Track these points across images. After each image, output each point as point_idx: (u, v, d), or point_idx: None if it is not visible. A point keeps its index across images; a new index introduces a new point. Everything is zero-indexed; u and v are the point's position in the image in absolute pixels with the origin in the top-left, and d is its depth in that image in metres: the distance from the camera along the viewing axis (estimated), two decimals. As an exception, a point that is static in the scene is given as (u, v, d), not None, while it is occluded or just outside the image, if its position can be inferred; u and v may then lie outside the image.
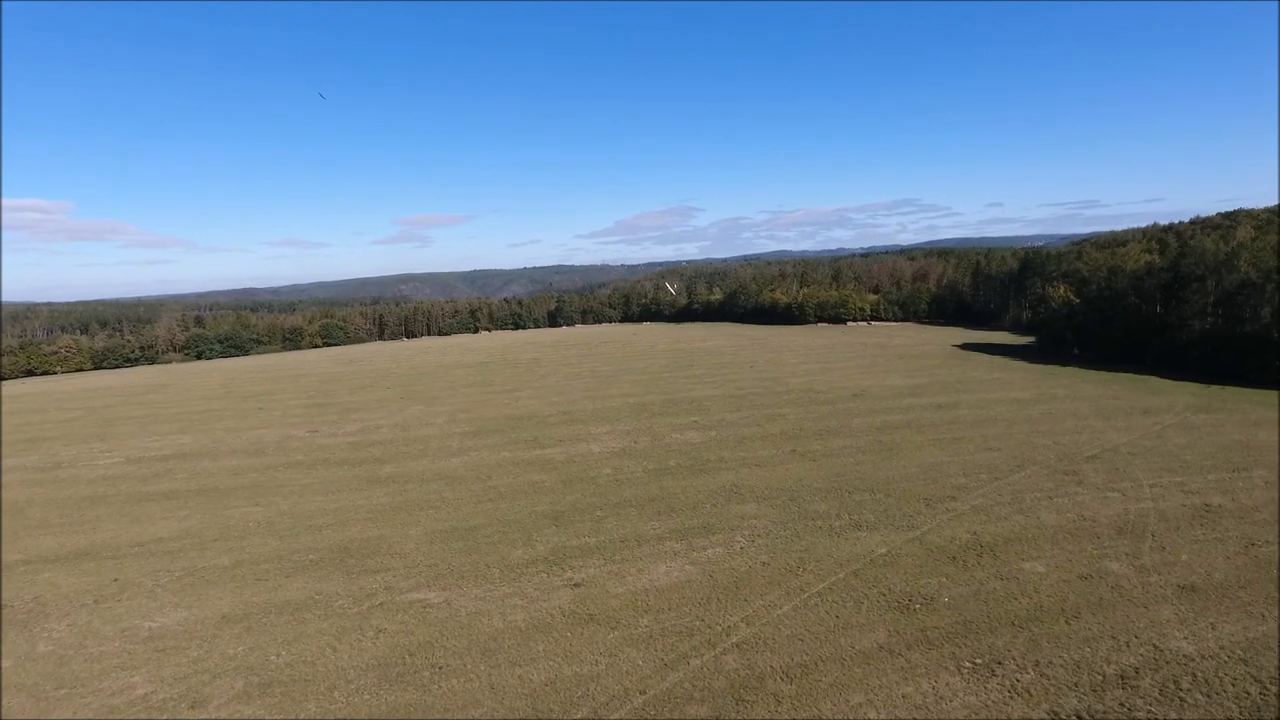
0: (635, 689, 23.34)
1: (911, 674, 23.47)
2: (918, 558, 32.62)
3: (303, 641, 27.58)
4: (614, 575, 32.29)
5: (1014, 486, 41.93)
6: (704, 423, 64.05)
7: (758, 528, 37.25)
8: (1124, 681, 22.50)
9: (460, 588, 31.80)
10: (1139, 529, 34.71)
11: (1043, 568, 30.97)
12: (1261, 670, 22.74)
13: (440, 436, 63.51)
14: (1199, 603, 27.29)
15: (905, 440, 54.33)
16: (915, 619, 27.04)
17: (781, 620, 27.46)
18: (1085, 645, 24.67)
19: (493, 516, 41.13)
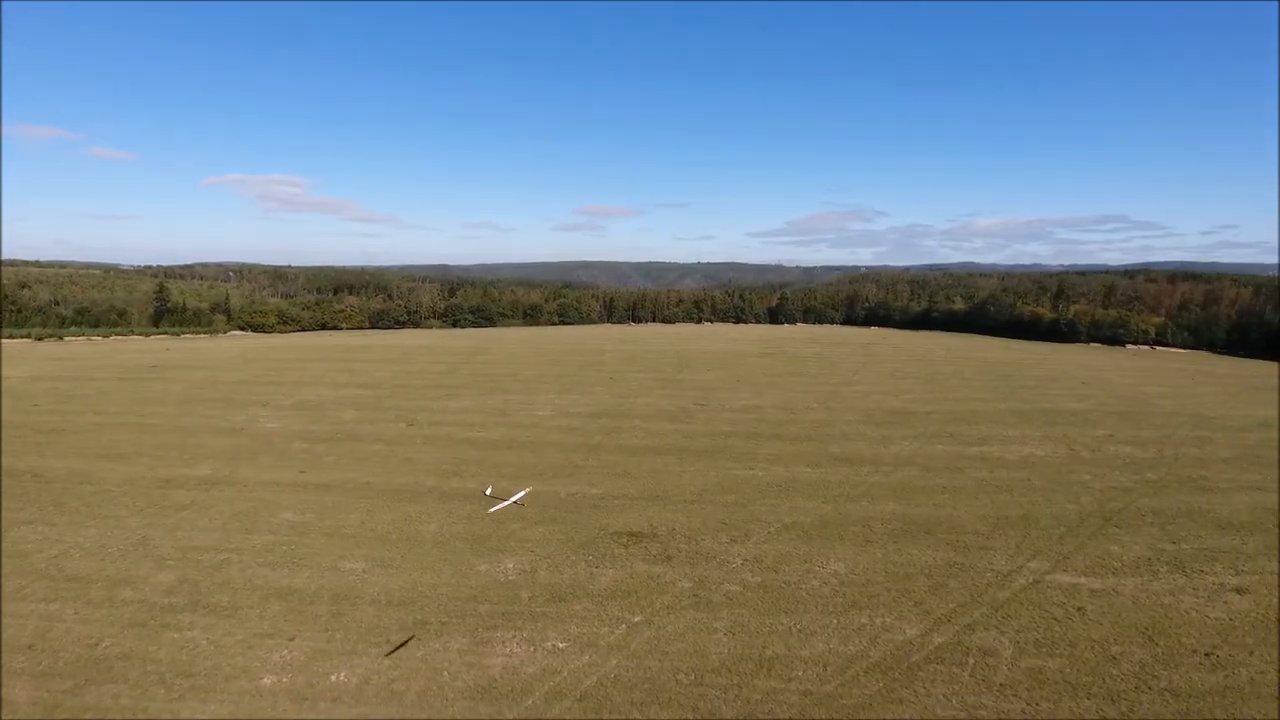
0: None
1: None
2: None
3: (1012, 608, 28.92)
4: (1265, 586, 31.23)
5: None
6: (1122, 438, 60.97)
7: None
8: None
9: (1101, 575, 32.08)
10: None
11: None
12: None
13: (840, 423, 64.72)
14: None
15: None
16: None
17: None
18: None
19: (1027, 509, 41.19)
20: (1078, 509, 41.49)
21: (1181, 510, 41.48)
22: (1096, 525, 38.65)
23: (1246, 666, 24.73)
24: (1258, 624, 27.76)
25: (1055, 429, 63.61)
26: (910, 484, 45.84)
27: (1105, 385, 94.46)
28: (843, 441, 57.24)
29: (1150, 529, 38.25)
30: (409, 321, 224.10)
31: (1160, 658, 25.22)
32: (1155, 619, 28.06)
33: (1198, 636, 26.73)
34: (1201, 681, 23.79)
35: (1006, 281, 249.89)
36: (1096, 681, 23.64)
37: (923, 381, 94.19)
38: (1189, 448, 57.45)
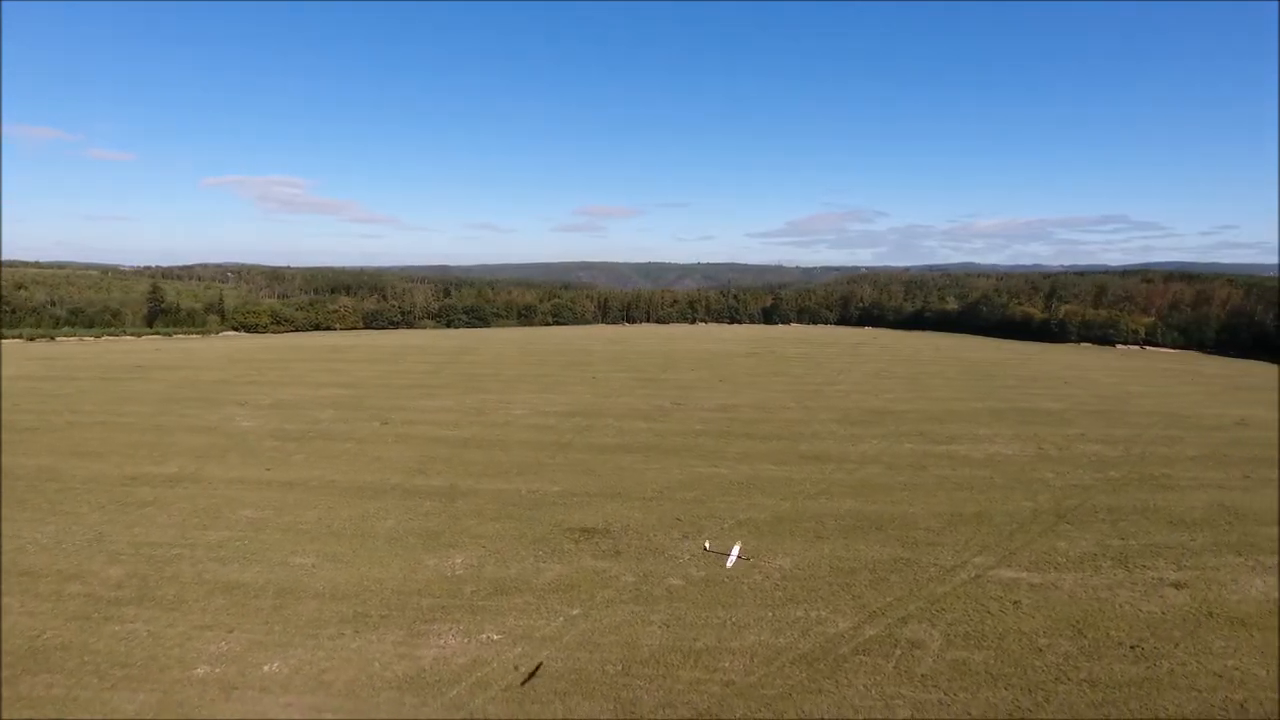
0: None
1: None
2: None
3: (946, 602, 29.26)
4: (1208, 581, 31.66)
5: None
6: (1094, 436, 61.32)
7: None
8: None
9: (1044, 571, 32.46)
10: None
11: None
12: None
13: (815, 422, 65.10)
14: None
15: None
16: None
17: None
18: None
19: (984, 506, 41.56)
20: (1033, 506, 41.87)
21: (1137, 507, 41.85)
22: (1049, 522, 39.05)
23: (1169, 659, 25.12)
24: (1189, 618, 28.15)
25: (1028, 428, 63.99)
26: (872, 481, 46.23)
27: (1087, 385, 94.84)
28: (813, 440, 57.63)
29: (1101, 525, 38.63)
30: (403, 322, 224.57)
31: (1085, 650, 25.61)
32: (1088, 613, 28.45)
33: (1127, 630, 27.11)
34: (1122, 673, 24.17)
35: (1000, 282, 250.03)
36: (1018, 673, 24.03)
37: (905, 381, 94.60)
38: (1158, 446, 57.82)
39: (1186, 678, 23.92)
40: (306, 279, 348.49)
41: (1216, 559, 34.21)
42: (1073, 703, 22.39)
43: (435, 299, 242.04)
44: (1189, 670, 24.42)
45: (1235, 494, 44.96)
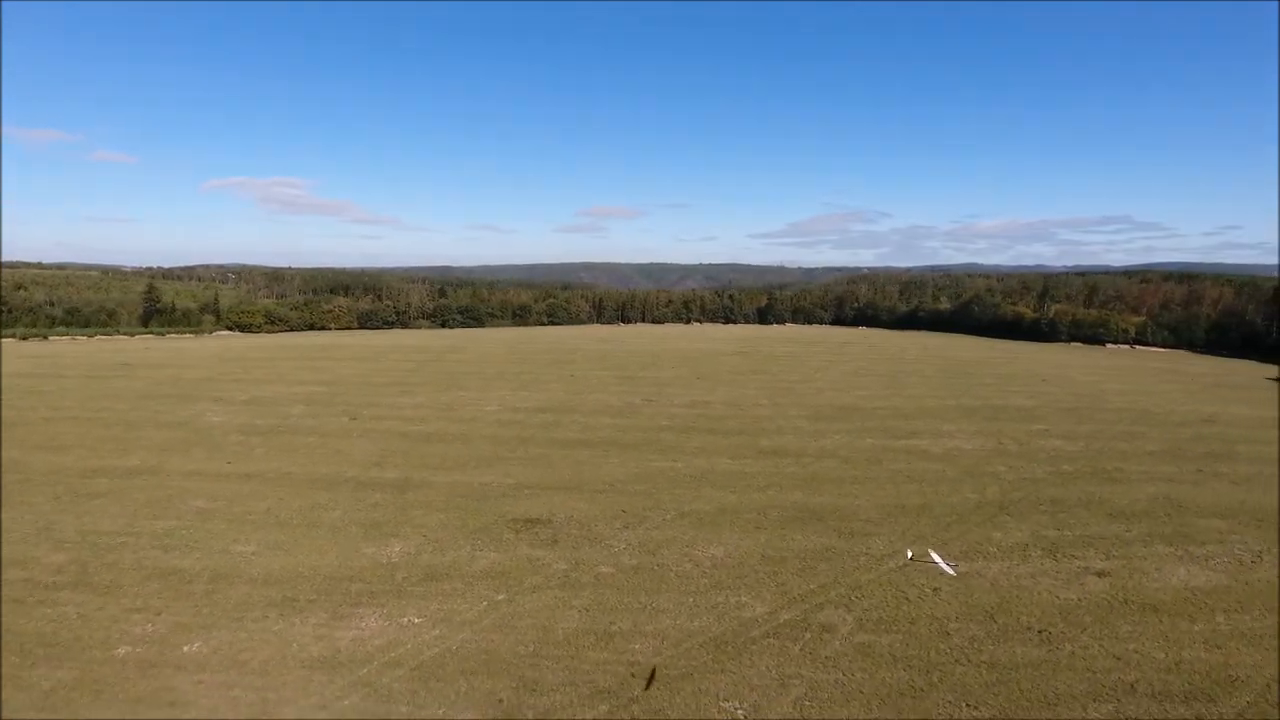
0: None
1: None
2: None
3: (867, 589, 29.80)
4: (1132, 570, 32.19)
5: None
6: (1056, 432, 61.77)
7: (1249, 544, 35.57)
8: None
9: (972, 560, 33.00)
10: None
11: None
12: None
13: (782, 418, 65.66)
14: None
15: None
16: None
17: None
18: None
19: (929, 498, 42.12)
20: (979, 498, 42.42)
21: (1081, 500, 42.37)
22: (990, 513, 39.60)
23: (1073, 642, 25.69)
24: (1103, 604, 28.70)
25: (993, 424, 64.48)
26: (824, 475, 46.80)
27: (1065, 383, 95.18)
28: (775, 435, 58.20)
29: (1040, 517, 39.17)
30: (397, 322, 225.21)
31: (993, 634, 26.18)
32: (1005, 599, 29.01)
33: (1039, 615, 27.68)
34: (1023, 655, 24.75)
35: (993, 282, 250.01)
36: (920, 655, 24.63)
37: (883, 379, 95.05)
38: (1119, 442, 58.26)
39: (1085, 660, 24.48)
40: (305, 280, 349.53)
41: (1146, 549, 34.73)
42: (967, 683, 22.97)
43: (430, 299, 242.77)
44: (1089, 653, 24.98)
45: (1183, 487, 45.43)
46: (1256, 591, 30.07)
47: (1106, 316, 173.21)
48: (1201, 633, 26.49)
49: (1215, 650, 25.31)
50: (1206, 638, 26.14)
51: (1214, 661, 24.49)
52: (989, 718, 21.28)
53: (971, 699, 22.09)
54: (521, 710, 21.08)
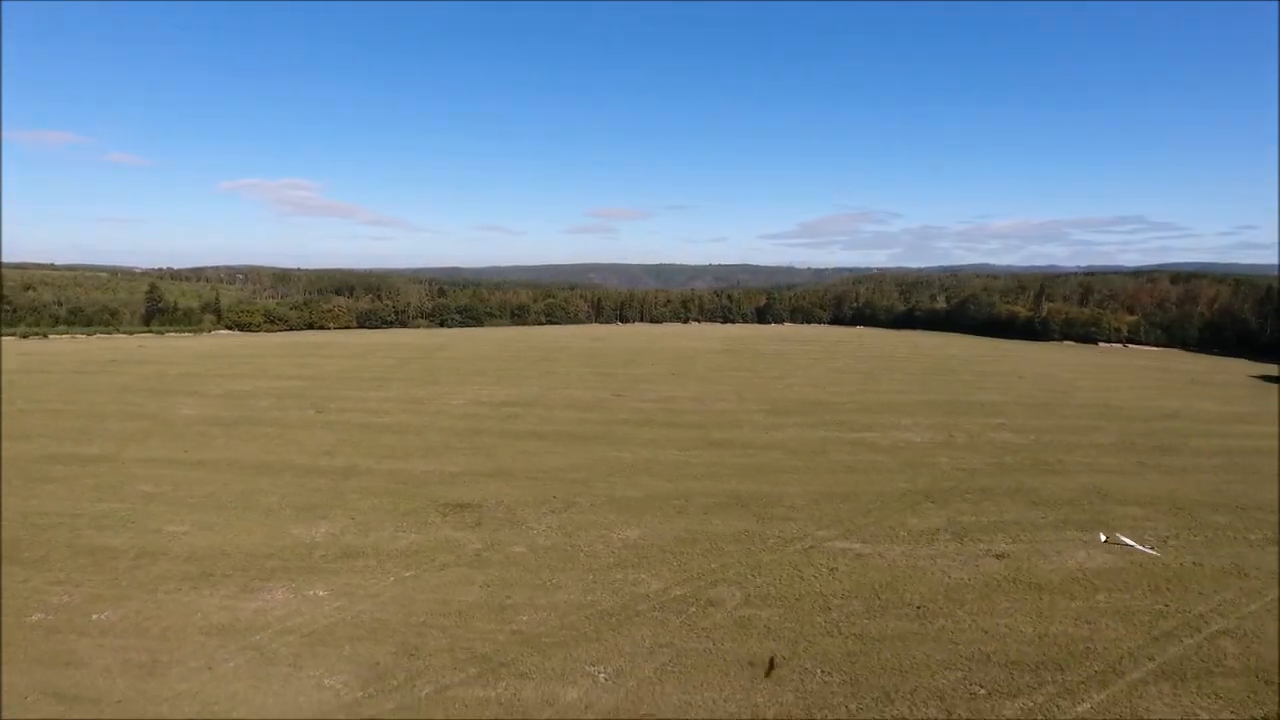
0: (1141, 654, 24.16)
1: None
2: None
3: (766, 568, 30.88)
4: (1033, 553, 33.01)
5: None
6: (1012, 426, 62.49)
7: (1159, 530, 36.36)
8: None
9: (879, 543, 33.95)
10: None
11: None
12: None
13: (742, 412, 66.70)
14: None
15: (1266, 466, 50.21)
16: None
17: (1257, 617, 26.99)
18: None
19: (861, 487, 43.06)
20: (909, 487, 43.33)
21: (1010, 489, 43.21)
22: (914, 501, 40.52)
23: (948, 617, 26.66)
24: (990, 583, 29.63)
25: (952, 418, 65.25)
26: (765, 465, 47.81)
27: (1042, 380, 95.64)
28: (731, 429, 59.23)
29: (962, 504, 40.06)
30: (396, 321, 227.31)
31: (871, 609, 27.19)
32: (896, 579, 29.99)
33: (923, 593, 28.64)
34: (894, 629, 25.75)
35: (989, 282, 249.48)
36: (794, 627, 25.68)
37: (860, 376, 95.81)
38: (1072, 435, 58.91)
39: (952, 633, 25.46)
40: (311, 280, 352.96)
41: (1055, 534, 35.58)
42: (829, 652, 24.01)
43: (429, 299, 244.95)
44: (960, 627, 25.96)
45: (1117, 478, 46.18)
46: (1147, 573, 30.91)
47: (1099, 315, 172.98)
48: (1077, 609, 27.39)
49: (1084, 625, 26.21)
50: (1080, 614, 27.04)
51: (1078, 635, 25.40)
52: (842, 682, 22.30)
53: (828, 666, 23.14)
54: (394, 673, 22.30)
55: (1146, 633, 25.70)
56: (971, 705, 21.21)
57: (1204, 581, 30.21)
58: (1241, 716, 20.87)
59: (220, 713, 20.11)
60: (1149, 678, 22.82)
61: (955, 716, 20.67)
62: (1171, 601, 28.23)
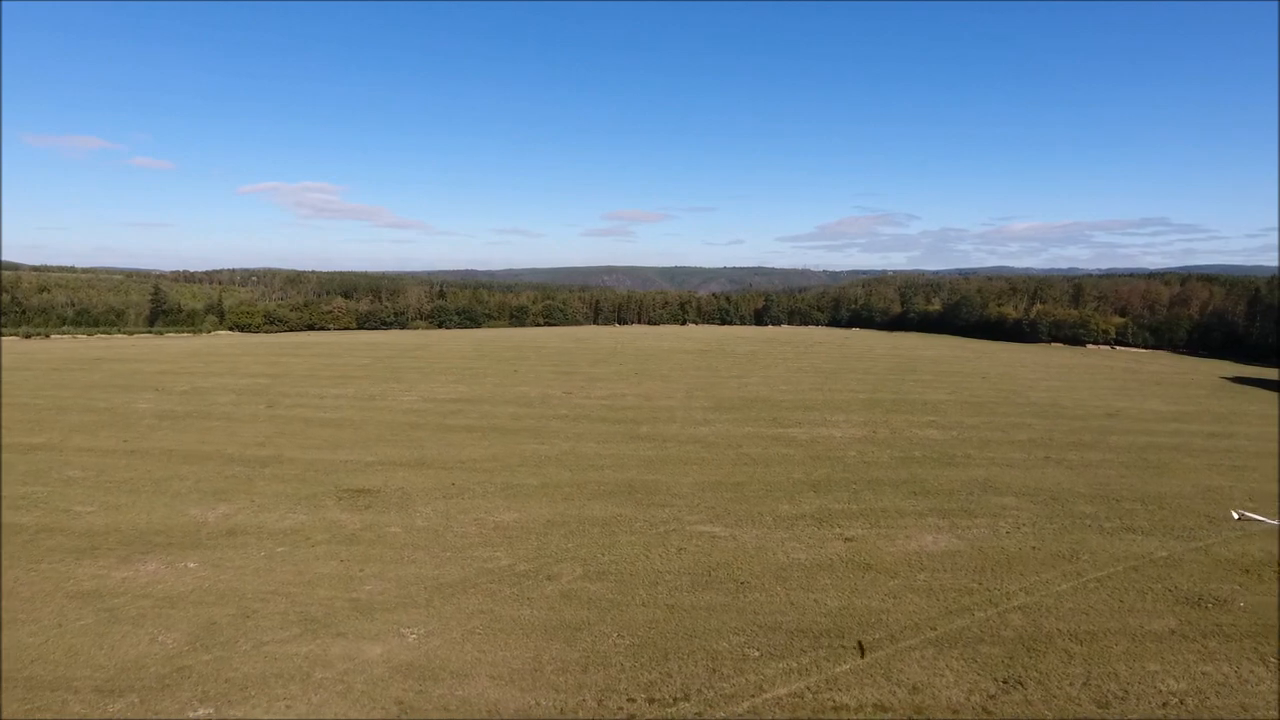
0: (925, 624, 25.93)
1: (1210, 658, 24.02)
2: (1204, 565, 32.05)
3: (618, 548, 32.88)
4: (883, 537, 34.77)
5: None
6: (942, 423, 63.99)
7: (1020, 518, 37.94)
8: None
9: (740, 527, 35.82)
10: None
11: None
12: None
13: (682, 409, 68.64)
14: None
15: (1174, 461, 51.47)
16: (1208, 615, 27.17)
17: (1062, 596, 28.63)
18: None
19: (752, 477, 44.93)
20: (803, 478, 45.11)
21: (900, 480, 44.88)
22: (797, 490, 42.32)
23: (764, 591, 28.55)
24: (823, 564, 31.44)
25: (885, 415, 66.82)
26: (673, 457, 49.73)
27: (1001, 380, 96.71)
28: (661, 424, 61.18)
29: (842, 493, 41.81)
30: (395, 323, 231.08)
31: (696, 585, 29.10)
32: (736, 559, 31.87)
33: (754, 571, 30.51)
34: (706, 600, 27.66)
35: (982, 284, 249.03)
36: (618, 599, 27.66)
37: (821, 376, 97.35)
38: (996, 432, 60.32)
39: (757, 604, 27.35)
40: (322, 282, 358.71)
41: (916, 521, 37.28)
42: (633, 620, 25.99)
43: (429, 300, 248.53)
44: (770, 599, 27.85)
45: (1013, 471, 47.68)
46: (981, 556, 32.59)
47: (1087, 317, 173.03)
48: (891, 586, 29.16)
49: (889, 600, 28.01)
50: (892, 591, 28.82)
51: (878, 608, 27.21)
52: (630, 644, 24.28)
53: (625, 631, 25.12)
54: (224, 631, 24.55)
55: (944, 607, 27.43)
56: (738, 664, 23.11)
57: (1032, 564, 31.84)
58: (985, 676, 22.63)
59: (52, 662, 22.42)
60: (920, 644, 24.59)
61: (718, 673, 22.58)
62: (987, 581, 29.92)
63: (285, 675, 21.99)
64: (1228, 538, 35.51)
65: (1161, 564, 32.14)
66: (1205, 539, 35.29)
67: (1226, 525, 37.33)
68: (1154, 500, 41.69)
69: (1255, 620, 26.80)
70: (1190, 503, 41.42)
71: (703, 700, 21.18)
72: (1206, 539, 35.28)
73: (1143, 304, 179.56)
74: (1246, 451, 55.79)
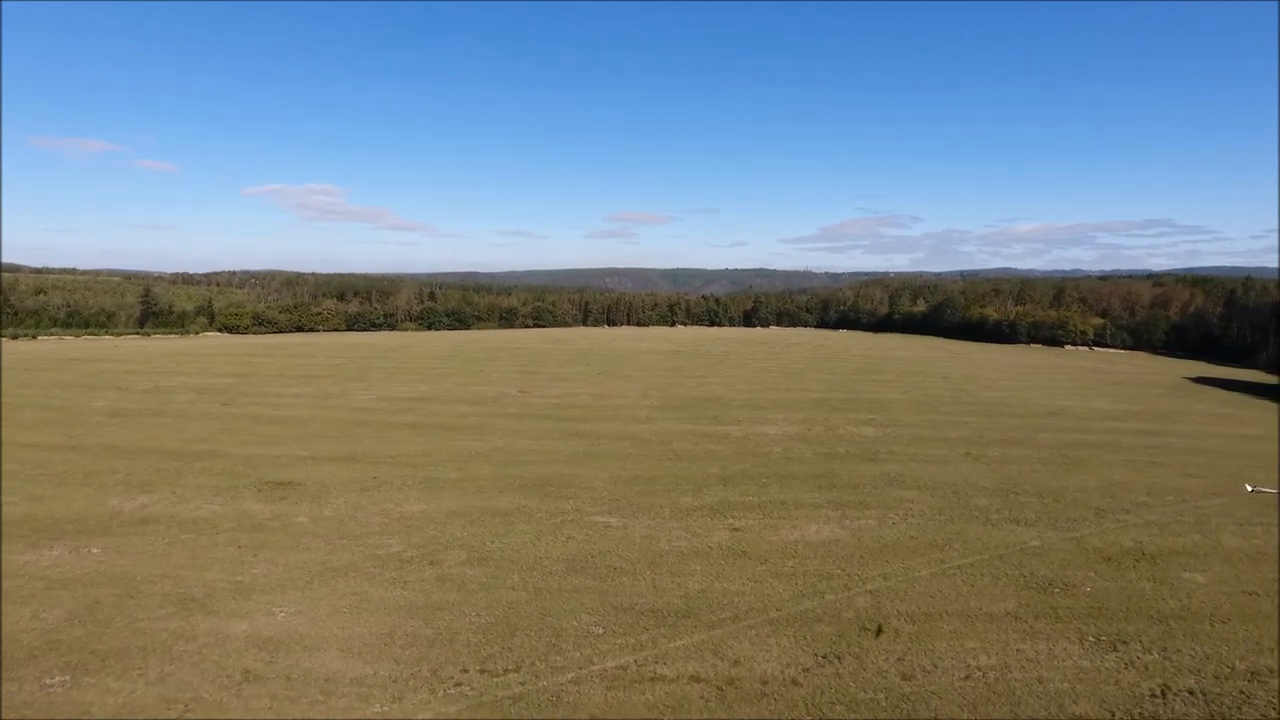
0: (772, 606, 27.40)
1: (1031, 636, 25.43)
2: (1070, 554, 33.43)
3: (511, 535, 34.41)
4: (769, 527, 36.23)
5: (1201, 510, 40.33)
6: (882, 421, 65.38)
7: (913, 509, 39.34)
8: (1253, 676, 23.08)
9: (636, 518, 37.30)
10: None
11: (1204, 579, 30.75)
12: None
13: (631, 407, 70.16)
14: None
15: (1093, 458, 52.76)
16: (1050, 599, 28.57)
17: (917, 581, 30.06)
18: (1223, 643, 25.13)
19: (670, 472, 46.40)
20: (718, 473, 46.55)
21: (813, 475, 46.28)
22: (707, 484, 43.77)
23: (633, 577, 30.02)
24: (703, 552, 32.87)
25: (829, 414, 68.24)
26: (601, 453, 51.24)
27: (961, 380, 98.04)
28: (602, 422, 62.69)
29: (748, 486, 43.26)
30: (385, 324, 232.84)
31: (571, 570, 30.59)
32: (619, 546, 33.35)
33: (631, 558, 31.98)
34: (573, 584, 29.11)
35: (965, 285, 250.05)
36: (482, 581, 29.18)
37: (783, 376, 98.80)
38: (929, 430, 61.70)
39: (619, 587, 28.84)
40: (318, 284, 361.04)
41: (810, 513, 38.70)
42: (496, 600, 27.49)
43: (418, 302, 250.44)
44: (636, 583, 29.33)
45: (929, 467, 49.05)
46: (861, 545, 33.98)
47: (1066, 318, 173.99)
48: (757, 572, 30.62)
49: (749, 583, 29.49)
50: (755, 575, 30.29)
51: (735, 591, 28.67)
52: (484, 623, 25.78)
53: (484, 610, 26.63)
54: (105, 608, 26.12)
55: (798, 590, 28.91)
56: (579, 641, 24.61)
57: (902, 552, 33.27)
58: (808, 652, 24.09)
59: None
60: (760, 624, 26.07)
61: (556, 648, 24.08)
62: (852, 567, 31.37)
63: (148, 649, 23.53)
64: (1105, 529, 36.87)
65: (1030, 553, 33.52)
66: (1082, 530, 36.66)
67: (1110, 517, 38.68)
68: (1053, 494, 43.01)
69: (1093, 604, 28.20)
70: (1088, 497, 42.73)
71: (531, 671, 22.68)
72: (1083, 530, 36.65)
73: (1122, 305, 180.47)
74: (1171, 449, 57.05)
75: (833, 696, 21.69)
